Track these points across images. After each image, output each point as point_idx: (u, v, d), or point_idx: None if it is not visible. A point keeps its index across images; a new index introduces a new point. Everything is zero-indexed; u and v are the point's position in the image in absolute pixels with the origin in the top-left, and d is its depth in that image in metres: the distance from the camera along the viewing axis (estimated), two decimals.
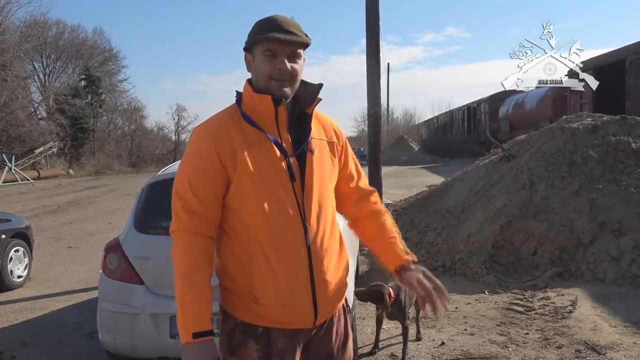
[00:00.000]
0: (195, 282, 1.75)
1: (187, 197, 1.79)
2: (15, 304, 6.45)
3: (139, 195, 4.14)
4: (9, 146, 33.11)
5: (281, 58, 1.80)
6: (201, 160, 1.80)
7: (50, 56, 44.03)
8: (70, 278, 7.63)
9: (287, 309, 1.80)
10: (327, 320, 1.92)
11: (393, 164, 30.21)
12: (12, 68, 35.66)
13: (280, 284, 1.78)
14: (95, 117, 42.62)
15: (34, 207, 16.73)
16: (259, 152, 1.80)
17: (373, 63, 9.18)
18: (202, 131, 1.85)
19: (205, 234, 1.79)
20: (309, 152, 1.86)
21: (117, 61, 48.95)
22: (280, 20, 1.81)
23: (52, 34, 43.94)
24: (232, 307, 1.85)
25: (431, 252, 7.22)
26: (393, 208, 9.60)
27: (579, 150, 7.44)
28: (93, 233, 11.38)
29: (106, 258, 3.85)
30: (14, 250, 7.26)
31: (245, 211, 1.79)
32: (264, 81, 1.82)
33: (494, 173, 8.13)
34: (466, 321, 5.10)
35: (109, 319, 3.81)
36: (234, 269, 1.83)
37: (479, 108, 32.88)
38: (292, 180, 1.81)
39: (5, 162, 28.88)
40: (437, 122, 46.70)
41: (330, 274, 1.87)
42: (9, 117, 34.31)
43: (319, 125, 1.96)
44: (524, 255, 6.54)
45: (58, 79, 44.51)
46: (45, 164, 34.06)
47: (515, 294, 5.81)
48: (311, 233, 1.82)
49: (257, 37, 1.80)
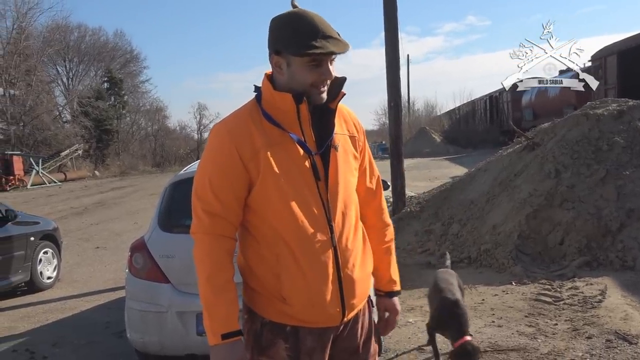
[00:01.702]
0: (219, 283, 1.73)
1: (207, 198, 1.76)
2: (45, 304, 6.57)
3: (162, 194, 4.17)
4: (35, 150, 33.70)
5: (326, 66, 1.74)
6: (222, 161, 1.76)
7: (73, 60, 44.69)
8: (98, 278, 7.73)
9: (316, 309, 1.78)
10: (353, 317, 1.91)
11: (415, 156, 30.05)
12: (36, 73, 36.32)
13: (308, 284, 1.76)
14: (119, 118, 43.17)
15: (61, 208, 16.99)
16: (282, 152, 1.76)
17: (392, 55, 9.14)
18: (222, 130, 1.81)
19: (227, 235, 1.78)
20: (333, 148, 1.83)
21: (138, 62, 49.52)
22: (320, 24, 1.72)
23: (74, 37, 44.65)
24: (259, 307, 1.84)
25: (456, 244, 7.16)
26: (417, 200, 9.53)
27: (604, 137, 7.30)
28: (119, 233, 11.53)
29: (132, 258, 3.89)
30: (43, 252, 7.39)
31: (271, 213, 1.76)
32: (303, 88, 1.75)
33: (518, 162, 8.02)
34: (493, 313, 5.05)
35: (137, 318, 3.85)
36: (260, 270, 1.81)
37: (502, 97, 32.45)
38: (316, 180, 1.78)
39: (32, 165, 29.40)
40: (459, 112, 46.25)
41: (357, 271, 1.85)
42: (34, 121, 34.96)
43: (340, 119, 1.91)
44: (551, 244, 6.45)
45: (81, 82, 45.20)
46: (71, 166, 34.63)
47: (543, 284, 5.73)
48: (337, 232, 1.80)
49: (303, 50, 1.69)
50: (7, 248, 6.71)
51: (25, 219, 7.38)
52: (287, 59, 1.74)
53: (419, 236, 8.07)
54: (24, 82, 35.41)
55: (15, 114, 34.38)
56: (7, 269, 6.67)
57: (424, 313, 5.14)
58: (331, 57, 1.75)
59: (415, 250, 7.63)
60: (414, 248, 7.70)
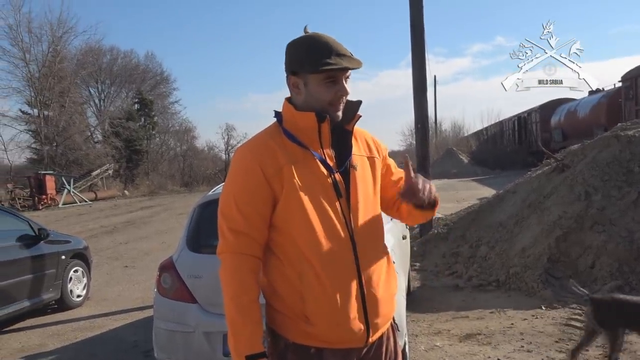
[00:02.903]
0: (244, 304, 1.75)
1: (232, 216, 1.79)
2: (74, 322, 6.64)
3: (191, 215, 4.22)
4: (67, 169, 34.38)
5: (341, 83, 1.80)
6: (246, 179, 1.79)
7: (105, 81, 45.65)
8: (126, 297, 7.80)
9: (340, 328, 1.77)
10: (377, 339, 1.89)
11: (442, 177, 29.83)
12: (69, 94, 37.19)
13: (332, 303, 1.76)
14: (149, 139, 43.84)
15: (92, 227, 17.25)
16: (305, 169, 1.79)
17: (419, 79, 9.19)
18: (245, 150, 1.85)
19: (252, 254, 1.79)
20: (352, 168, 1.85)
21: (168, 84, 50.26)
22: (333, 43, 1.79)
23: (106, 60, 45.59)
24: (283, 328, 1.83)
25: (484, 267, 7.07)
26: (444, 222, 9.46)
27: (636, 159, 7.17)
28: (148, 252, 11.64)
29: (160, 277, 3.93)
30: (73, 271, 7.50)
31: (294, 229, 1.77)
32: (321, 106, 1.80)
33: (548, 184, 7.92)
34: (523, 337, 4.96)
35: (164, 337, 3.88)
36: (283, 289, 1.81)
37: (530, 117, 32.16)
38: (338, 197, 1.80)
39: (64, 184, 29.95)
40: (487, 133, 45.86)
41: (381, 290, 1.85)
42: (67, 142, 35.75)
43: (357, 141, 1.94)
44: (582, 268, 6.33)
45: (112, 103, 46.08)
46: (101, 186, 35.16)
47: (574, 309, 5.62)
48: (360, 249, 1.80)
49: (318, 67, 1.75)
50: (39, 266, 6.83)
51: (56, 238, 7.51)
52: (304, 78, 1.80)
53: (446, 258, 8.00)
54: (58, 103, 36.27)
55: (49, 135, 35.21)
56: (38, 287, 6.78)
57: (451, 337, 5.08)
58: (346, 74, 1.80)
59: (442, 272, 7.56)
60: (441, 270, 7.63)
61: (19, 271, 6.48)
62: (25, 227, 7.00)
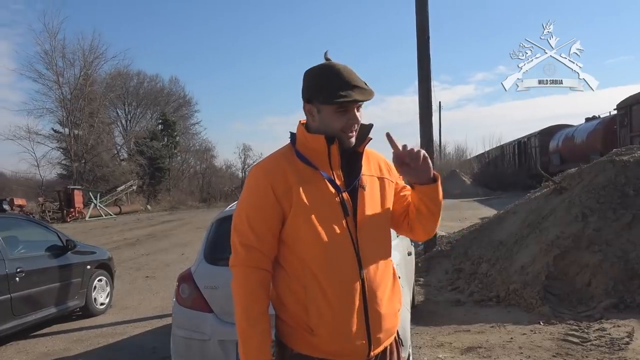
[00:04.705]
0: (253, 314, 1.75)
1: (244, 231, 1.80)
2: (97, 329, 6.65)
3: (209, 229, 4.24)
4: (94, 185, 34.70)
5: (352, 113, 1.80)
6: (258, 197, 1.80)
7: (132, 103, 46.28)
8: (147, 305, 7.81)
9: (341, 340, 1.76)
10: (380, 353, 1.87)
11: (446, 197, 29.29)
12: (98, 115, 37.68)
13: (335, 315, 1.75)
14: (171, 157, 44.17)
15: (116, 239, 17.33)
16: (313, 189, 1.79)
17: (425, 109, 9.25)
18: (259, 170, 1.86)
19: (262, 268, 1.79)
20: (361, 188, 1.85)
21: (190, 106, 50.83)
22: (347, 75, 1.78)
23: (133, 84, 46.26)
24: (288, 339, 1.83)
25: (485, 283, 7.01)
26: (447, 239, 9.41)
27: (630, 183, 7.12)
28: (168, 263, 11.65)
29: (179, 287, 3.94)
30: (98, 280, 7.53)
31: (301, 245, 1.78)
32: (333, 132, 1.81)
33: (546, 205, 7.87)
34: (522, 351, 4.90)
35: (181, 344, 3.87)
36: (290, 301, 1.81)
37: (530, 142, 32.05)
38: (345, 215, 1.80)
39: (91, 199, 30.19)
40: (489, 156, 45.70)
41: (384, 306, 1.83)
42: (95, 159, 36.17)
43: (368, 162, 1.93)
44: (579, 286, 6.25)
45: (138, 123, 46.66)
46: (126, 201, 35.43)
47: (571, 324, 5.54)
48: (365, 266, 1.79)
49: (330, 99, 1.76)
50: (66, 275, 6.87)
51: (83, 249, 7.55)
52: (318, 106, 1.81)
53: (449, 274, 7.95)
54: (87, 123, 36.77)
55: (78, 152, 35.64)
56: (65, 294, 6.81)
57: (453, 349, 5.03)
58: (357, 104, 1.80)
59: (445, 287, 7.50)
60: (444, 286, 7.58)
61: (47, 279, 6.52)
62: (54, 238, 7.06)
